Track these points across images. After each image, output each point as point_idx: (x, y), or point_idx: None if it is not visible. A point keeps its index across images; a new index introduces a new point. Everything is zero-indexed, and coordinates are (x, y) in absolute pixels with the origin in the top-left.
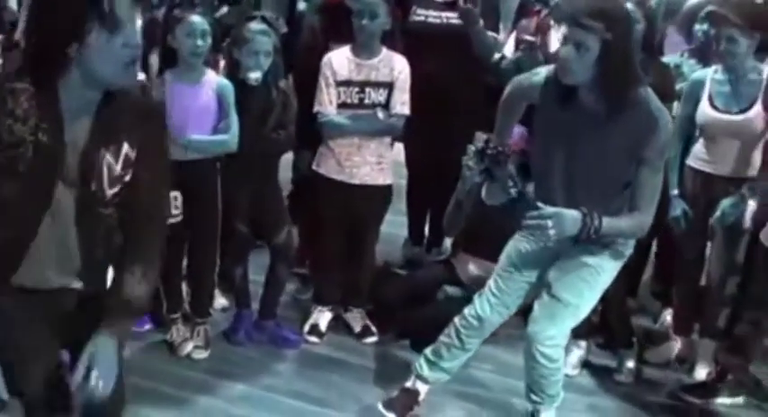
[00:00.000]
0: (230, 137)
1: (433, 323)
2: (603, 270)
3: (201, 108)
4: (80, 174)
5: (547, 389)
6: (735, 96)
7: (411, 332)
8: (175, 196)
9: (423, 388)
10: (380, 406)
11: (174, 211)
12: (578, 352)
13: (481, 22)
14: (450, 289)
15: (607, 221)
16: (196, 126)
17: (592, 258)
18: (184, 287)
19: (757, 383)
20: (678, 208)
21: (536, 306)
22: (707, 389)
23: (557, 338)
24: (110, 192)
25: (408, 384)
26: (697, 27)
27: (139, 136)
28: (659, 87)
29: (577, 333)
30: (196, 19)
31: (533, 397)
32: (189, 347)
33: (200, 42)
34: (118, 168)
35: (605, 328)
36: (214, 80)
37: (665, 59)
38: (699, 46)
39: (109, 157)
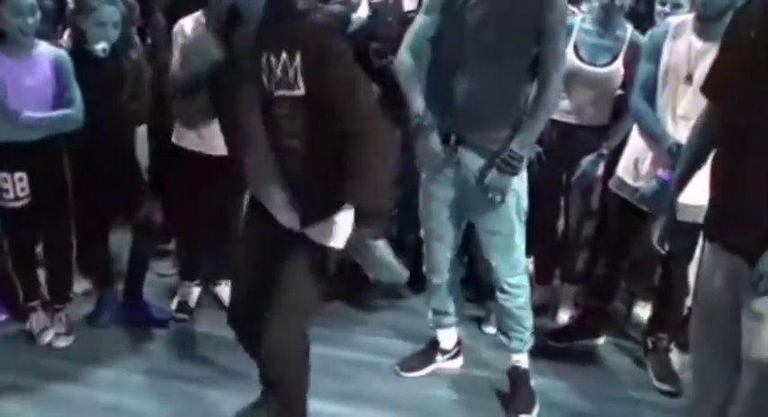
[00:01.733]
0: (74, 111)
1: None
2: (513, 188)
3: (38, 83)
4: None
5: (523, 321)
6: (601, 49)
7: None
8: (21, 177)
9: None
10: None
11: (21, 194)
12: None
13: None
14: None
15: (519, 139)
16: (35, 103)
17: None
18: (41, 272)
19: (615, 323)
20: (532, 151)
21: (484, 251)
22: (569, 332)
23: (517, 266)
24: (276, 93)
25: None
26: None
27: (301, 48)
28: None
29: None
30: None
31: (512, 334)
32: (50, 335)
33: (30, 20)
34: (278, 72)
35: (473, 281)
36: (49, 52)
37: None
38: None
39: (272, 58)
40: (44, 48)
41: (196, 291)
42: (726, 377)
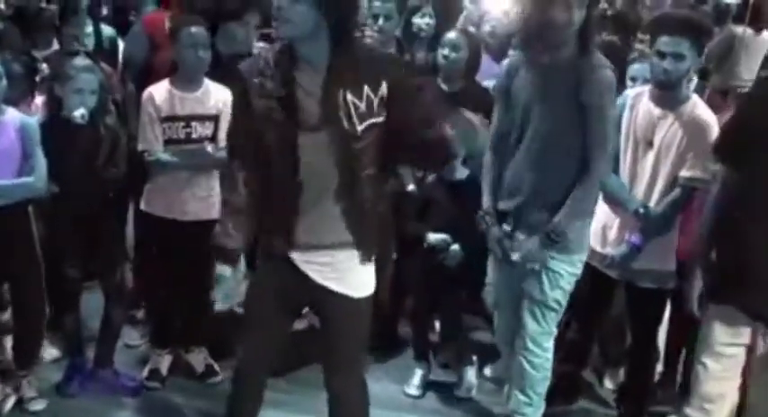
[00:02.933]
0: (35, 180)
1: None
2: (559, 271)
3: (2, 150)
4: (323, 115)
5: (536, 386)
6: None
7: None
8: None
9: None
10: None
11: None
12: (420, 373)
13: None
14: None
15: (561, 215)
16: None
17: (549, 260)
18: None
19: (589, 388)
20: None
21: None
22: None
23: (545, 329)
24: (360, 128)
25: None
26: (511, 52)
27: (381, 80)
28: (482, 109)
29: (419, 355)
30: None
31: (521, 397)
32: (10, 403)
33: None
34: (362, 106)
35: (447, 346)
36: (15, 119)
37: (484, 84)
38: None
39: (350, 97)
40: (11, 115)
41: (168, 359)
42: None
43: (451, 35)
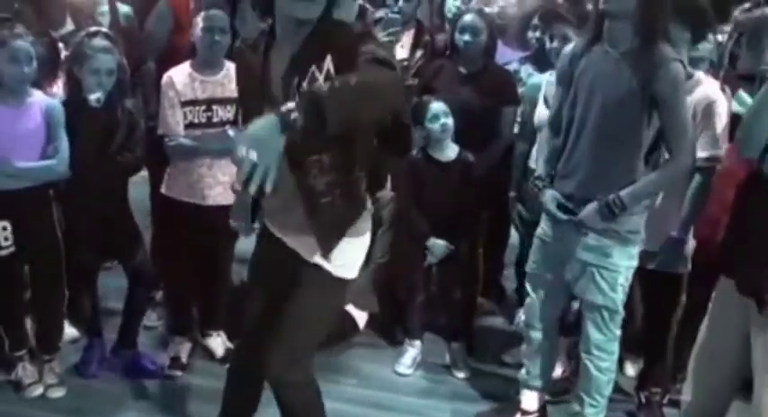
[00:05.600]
0: (58, 163)
1: None
2: (619, 267)
3: (29, 132)
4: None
5: (601, 388)
6: None
7: None
8: (4, 226)
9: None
10: None
11: (5, 243)
12: (411, 351)
13: None
14: None
15: (631, 190)
16: (24, 152)
17: (605, 259)
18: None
19: None
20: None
21: (583, 318)
22: (564, 386)
23: (609, 334)
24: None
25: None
26: (530, 34)
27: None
28: (503, 91)
29: (411, 334)
30: (20, 43)
31: (587, 399)
32: (39, 389)
33: (26, 69)
34: (321, 78)
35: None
36: (41, 101)
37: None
38: (533, 52)
39: (315, 72)
40: (37, 97)
41: (188, 346)
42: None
43: (470, 18)
